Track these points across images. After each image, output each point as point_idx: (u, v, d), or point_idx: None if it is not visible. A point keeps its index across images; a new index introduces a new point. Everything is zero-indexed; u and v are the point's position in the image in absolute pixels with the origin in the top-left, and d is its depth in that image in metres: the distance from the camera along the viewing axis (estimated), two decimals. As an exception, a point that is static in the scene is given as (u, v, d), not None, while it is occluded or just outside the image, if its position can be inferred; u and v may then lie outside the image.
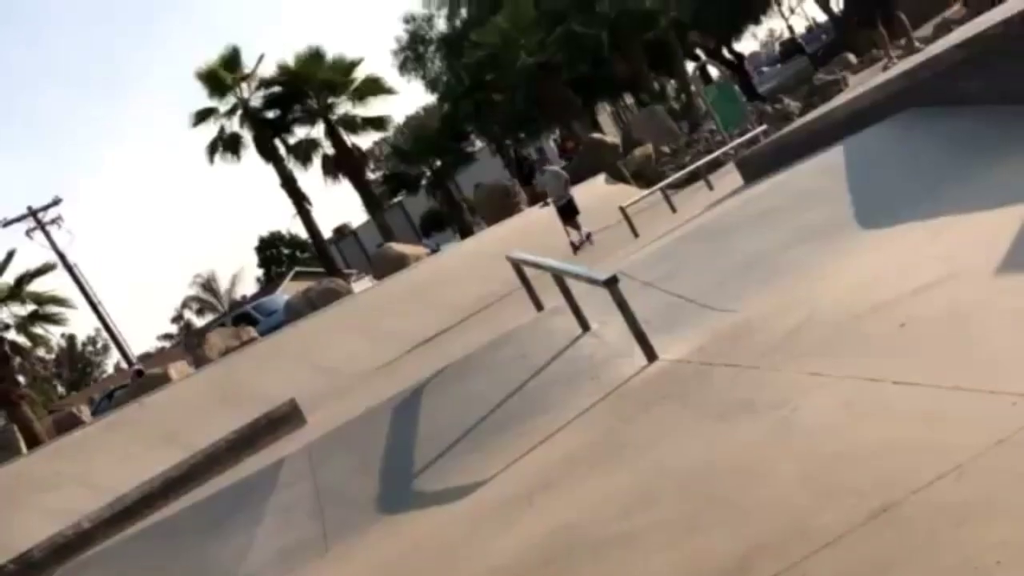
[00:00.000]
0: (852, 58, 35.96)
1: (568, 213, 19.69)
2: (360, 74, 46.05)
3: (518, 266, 9.53)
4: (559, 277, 7.91)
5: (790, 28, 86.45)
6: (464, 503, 5.97)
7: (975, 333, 4.31)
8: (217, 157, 45.47)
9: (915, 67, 9.46)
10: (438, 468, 6.79)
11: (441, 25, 53.64)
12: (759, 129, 23.35)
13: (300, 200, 44.80)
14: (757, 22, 56.38)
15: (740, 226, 8.80)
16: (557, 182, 19.99)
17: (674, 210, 17.86)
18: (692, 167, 23.10)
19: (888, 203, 7.39)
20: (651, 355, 6.69)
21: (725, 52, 49.76)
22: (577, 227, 19.62)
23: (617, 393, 6.50)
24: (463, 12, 52.18)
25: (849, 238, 7.17)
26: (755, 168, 12.88)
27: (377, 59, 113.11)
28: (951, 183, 7.12)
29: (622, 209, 18.28)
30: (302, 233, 59.78)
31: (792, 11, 74.87)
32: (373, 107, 46.37)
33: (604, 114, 59.00)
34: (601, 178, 28.16)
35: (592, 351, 7.49)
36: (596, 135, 37.34)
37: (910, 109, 8.75)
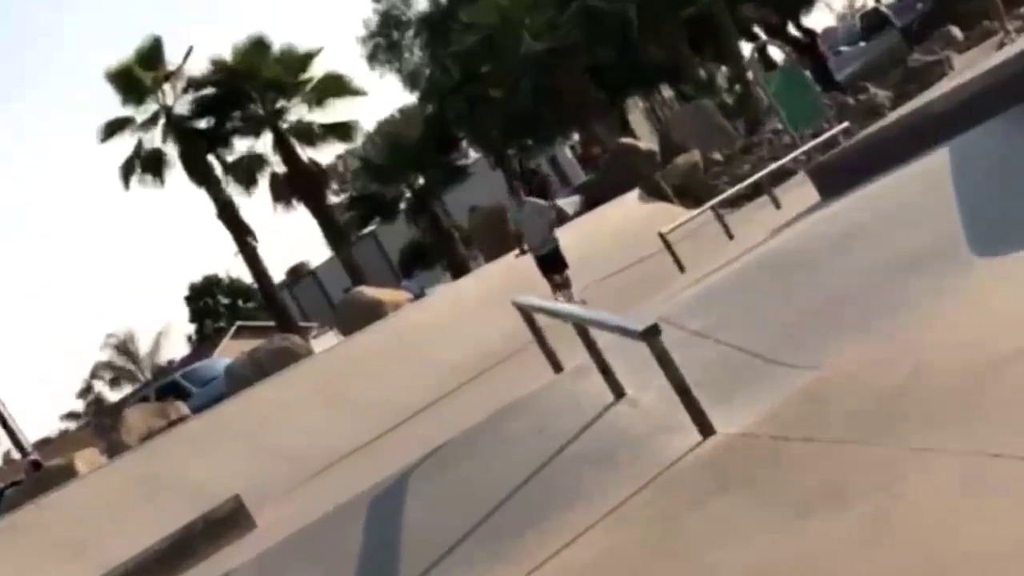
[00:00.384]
0: (957, 33, 36.13)
1: (552, 265, 18.32)
2: (318, 69, 46.37)
3: (528, 314, 9.54)
4: (582, 327, 7.90)
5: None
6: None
7: None
8: (134, 180, 45.67)
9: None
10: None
11: (421, 3, 54.07)
12: (839, 127, 23.43)
13: (242, 234, 44.95)
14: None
15: (818, 255, 8.81)
16: (539, 221, 18.63)
17: (730, 235, 17.90)
18: (752, 179, 23.14)
19: (1010, 224, 7.38)
20: (706, 428, 6.67)
21: (792, 28, 49.96)
22: (564, 285, 18.18)
23: (662, 480, 6.47)
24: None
25: (960, 270, 7.15)
26: (834, 178, 12.89)
27: (340, 49, 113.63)
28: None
29: (662, 236, 18.29)
30: (246, 277, 59.93)
31: (876, -28, 75.30)
32: (335, 111, 46.61)
33: (636, 112, 59.21)
34: (634, 195, 28.21)
35: (628, 424, 7.47)
36: (626, 139, 37.50)
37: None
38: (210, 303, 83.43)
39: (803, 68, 37.19)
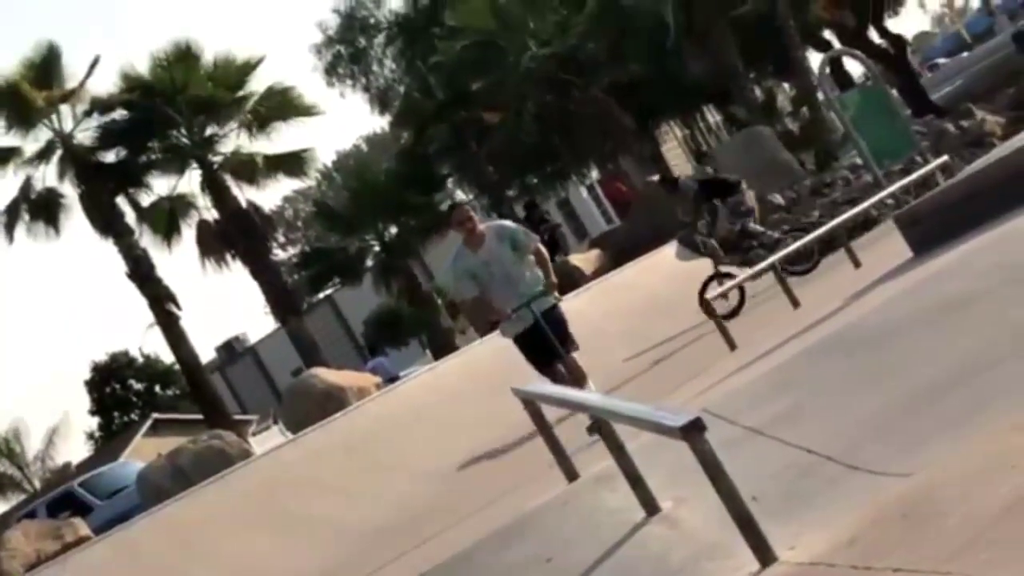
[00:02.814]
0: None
1: (544, 345, 13.96)
2: (260, 84, 46.50)
3: (534, 405, 9.55)
4: (604, 422, 7.92)
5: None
6: None
7: None
8: (20, 229, 45.64)
9: None
10: None
11: (395, 1, 54.38)
12: (936, 163, 23.50)
13: (160, 299, 44.93)
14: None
15: (911, 332, 8.86)
16: (509, 263, 14.07)
17: (795, 303, 17.93)
18: (824, 229, 23.14)
19: None
20: (766, 555, 6.66)
21: (874, 35, 50.30)
22: (575, 377, 13.77)
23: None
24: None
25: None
26: (931, 229, 12.96)
27: (289, 58, 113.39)
28: None
29: (706, 302, 18.31)
30: (165, 354, 59.81)
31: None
32: (282, 138, 46.71)
33: (672, 141, 59.46)
34: (670, 250, 28.28)
35: (663, 549, 7.48)
36: (655, 178, 37.62)
37: None
38: (118, 389, 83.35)
39: (889, 86, 37.40)
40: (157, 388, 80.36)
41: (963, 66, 59.75)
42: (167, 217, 46.26)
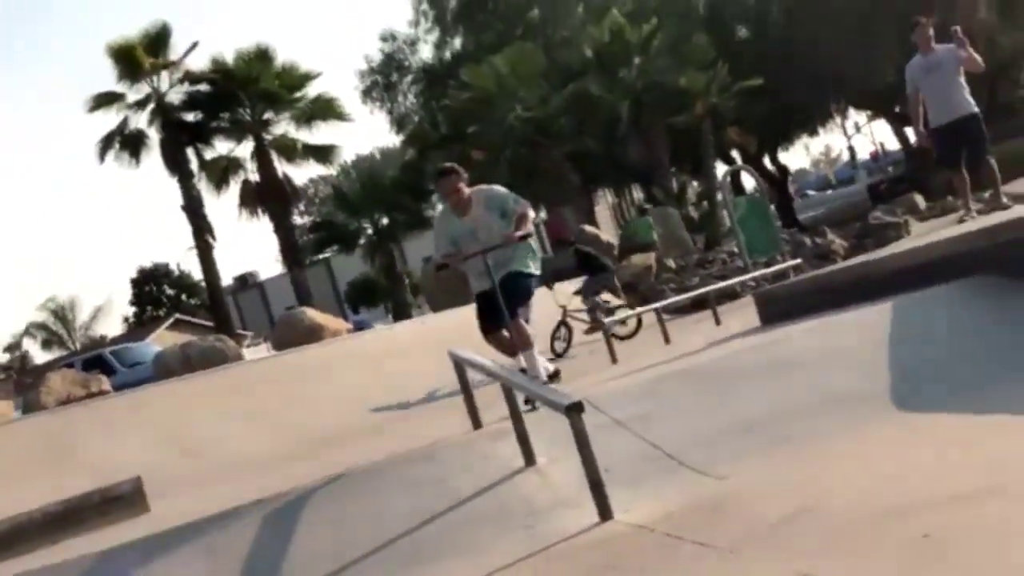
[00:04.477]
0: (921, 201, 36.73)
1: (494, 305, 11.01)
2: (312, 90, 46.44)
3: (461, 367, 9.53)
4: (509, 391, 7.91)
5: (851, 150, 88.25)
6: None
7: (1018, 562, 4.34)
8: (110, 155, 45.54)
9: (999, 226, 9.65)
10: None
11: (425, 53, 54.26)
12: (790, 263, 23.65)
13: (202, 231, 44.85)
14: (813, 133, 57.50)
15: (747, 375, 8.85)
16: (492, 225, 11.03)
17: (668, 340, 17.96)
18: (700, 291, 23.32)
19: (935, 384, 7.48)
20: (605, 512, 6.68)
21: (767, 161, 50.60)
22: (522, 341, 11.15)
23: (554, 551, 6.46)
24: (456, 43, 52.80)
25: (879, 417, 7.25)
26: (778, 309, 12.98)
27: (337, 77, 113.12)
28: (1017, 376, 7.22)
29: (600, 322, 18.35)
30: (195, 273, 59.67)
31: (858, 129, 76.53)
32: (320, 134, 46.69)
33: (603, 204, 59.55)
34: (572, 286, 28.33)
35: (532, 492, 7.45)
36: (590, 228, 37.70)
37: (983, 276, 8.91)
38: (154, 290, 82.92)
39: (769, 200, 37.60)
40: (184, 296, 79.92)
41: (826, 200, 60.17)
42: (221, 172, 46.21)
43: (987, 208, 15.01)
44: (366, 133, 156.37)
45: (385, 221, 50.10)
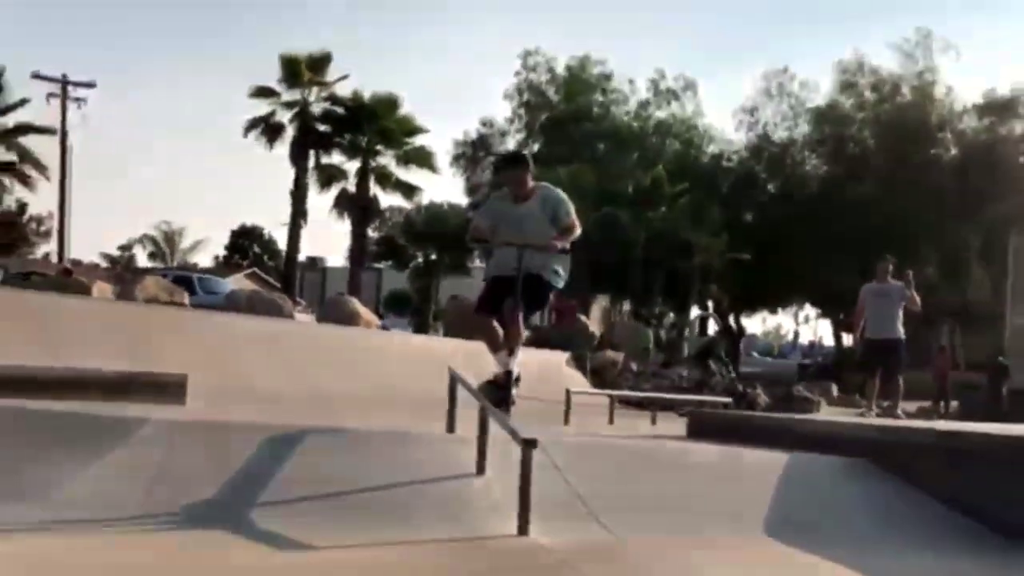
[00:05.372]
0: (834, 390, 36.62)
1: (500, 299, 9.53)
2: (418, 140, 46.75)
3: (454, 383, 9.49)
4: (484, 413, 7.86)
5: (796, 333, 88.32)
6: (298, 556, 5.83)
7: None
8: (253, 134, 45.87)
9: (888, 427, 9.65)
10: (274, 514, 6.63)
11: (510, 144, 54.47)
12: (724, 399, 23.56)
13: (298, 214, 45.00)
14: (773, 311, 57.68)
15: (663, 466, 8.83)
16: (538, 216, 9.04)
17: (611, 421, 17.90)
18: (647, 395, 23.30)
19: (797, 526, 7.38)
20: (524, 529, 6.62)
21: (731, 318, 50.66)
22: (513, 332, 9.76)
23: (473, 544, 6.43)
24: (535, 147, 53.04)
25: (754, 535, 7.20)
26: (702, 428, 12.96)
27: (440, 135, 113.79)
28: (861, 543, 7.18)
29: (568, 392, 18.28)
30: (281, 243, 59.75)
31: (807, 320, 76.82)
32: (412, 175, 46.95)
33: (598, 304, 59.52)
34: (564, 356, 28.37)
35: (474, 495, 7.40)
36: (584, 318, 37.70)
37: (862, 459, 8.89)
38: (246, 244, 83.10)
39: (723, 348, 37.56)
40: (266, 257, 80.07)
41: (763, 364, 60.00)
42: (328, 176, 46.43)
43: (884, 413, 15.05)
44: (443, 187, 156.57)
45: (434, 256, 50.32)
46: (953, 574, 6.68)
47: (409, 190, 47.39)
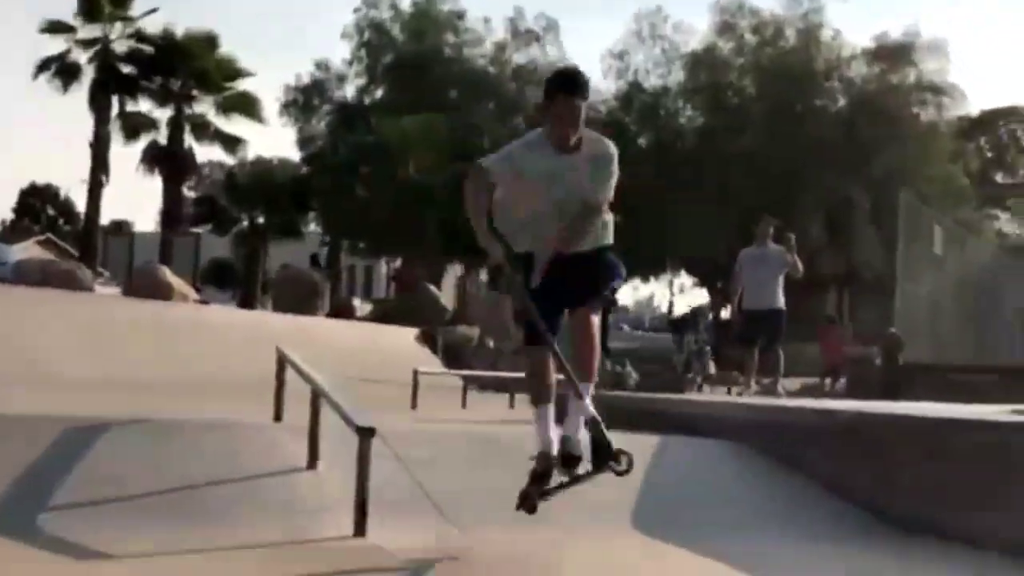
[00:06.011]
0: (712, 366, 37.47)
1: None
2: (241, 85, 46.00)
3: (282, 363, 9.41)
4: (316, 398, 7.82)
5: (671, 304, 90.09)
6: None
7: None
8: (44, 77, 44.45)
9: (764, 407, 9.96)
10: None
11: (349, 91, 53.82)
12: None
13: (98, 169, 43.76)
14: (645, 280, 58.42)
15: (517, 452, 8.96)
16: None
17: (464, 405, 18.00)
18: (505, 375, 23.42)
19: (664, 510, 7.57)
20: (360, 528, 6.63)
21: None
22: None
23: (301, 548, 6.43)
24: (378, 93, 52.52)
25: (619, 521, 7.35)
26: (563, 411, 13.14)
27: (267, 80, 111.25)
28: (730, 526, 7.42)
29: (415, 373, 18.28)
30: (80, 204, 58.08)
31: (681, 290, 78.53)
32: (233, 126, 46.14)
33: (452, 275, 59.61)
34: (413, 332, 28.33)
35: (305, 491, 7.38)
36: (432, 287, 37.69)
37: (736, 440, 9.16)
38: (37, 205, 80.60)
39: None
40: (61, 221, 77.90)
41: (635, 338, 61.21)
42: (135, 126, 45.28)
43: (763, 391, 15.40)
44: (272, 137, 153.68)
45: (261, 219, 49.47)
46: (825, 559, 6.96)
47: (231, 142, 46.55)
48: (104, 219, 52.67)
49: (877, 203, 43.67)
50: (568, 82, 6.26)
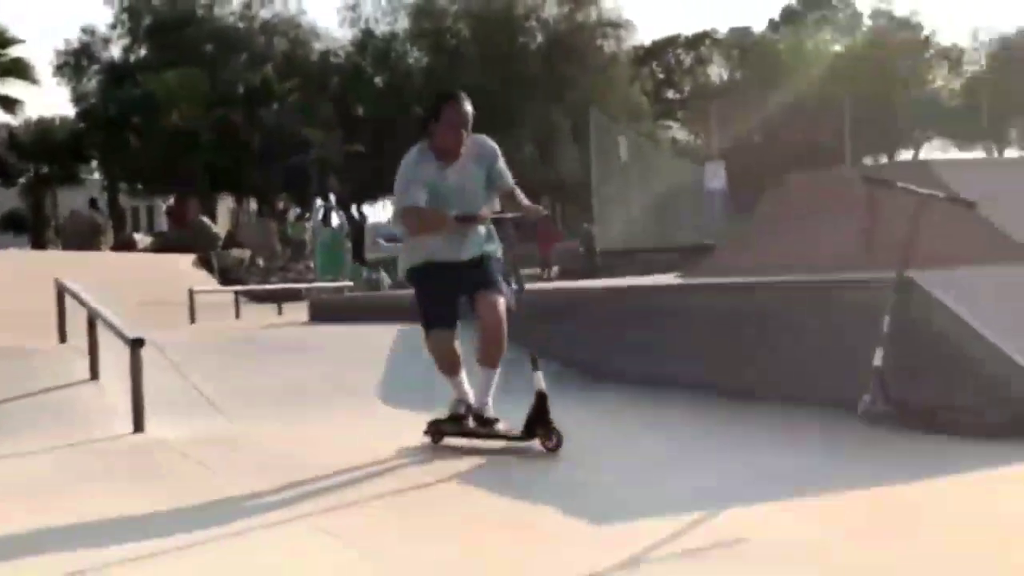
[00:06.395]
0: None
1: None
2: (13, 52, 42.99)
3: (61, 293, 8.96)
4: (91, 317, 7.50)
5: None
6: None
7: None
8: None
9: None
10: None
11: (116, 52, 51.02)
12: (346, 283, 23.78)
13: None
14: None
15: (285, 351, 8.87)
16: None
17: (238, 316, 17.63)
18: (273, 287, 23.08)
19: (403, 389, 7.62)
20: (140, 426, 6.47)
21: (355, 208, 50.81)
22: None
23: (85, 446, 6.19)
24: (142, 51, 50.03)
25: (367, 400, 7.37)
26: (324, 313, 13.03)
27: (41, 45, 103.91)
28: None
29: (191, 292, 17.74)
30: None
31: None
32: (10, 88, 43.27)
33: (225, 206, 57.91)
34: (190, 259, 27.47)
35: (89, 399, 7.11)
36: (206, 218, 36.55)
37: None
38: None
39: (348, 239, 37.61)
40: None
41: (391, 249, 60.89)
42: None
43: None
44: (46, 97, 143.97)
45: (46, 169, 46.76)
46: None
47: (9, 104, 43.57)
48: None
49: (576, 125, 44.63)
50: (454, 93, 5.65)
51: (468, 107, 5.58)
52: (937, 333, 5.51)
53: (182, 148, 41.00)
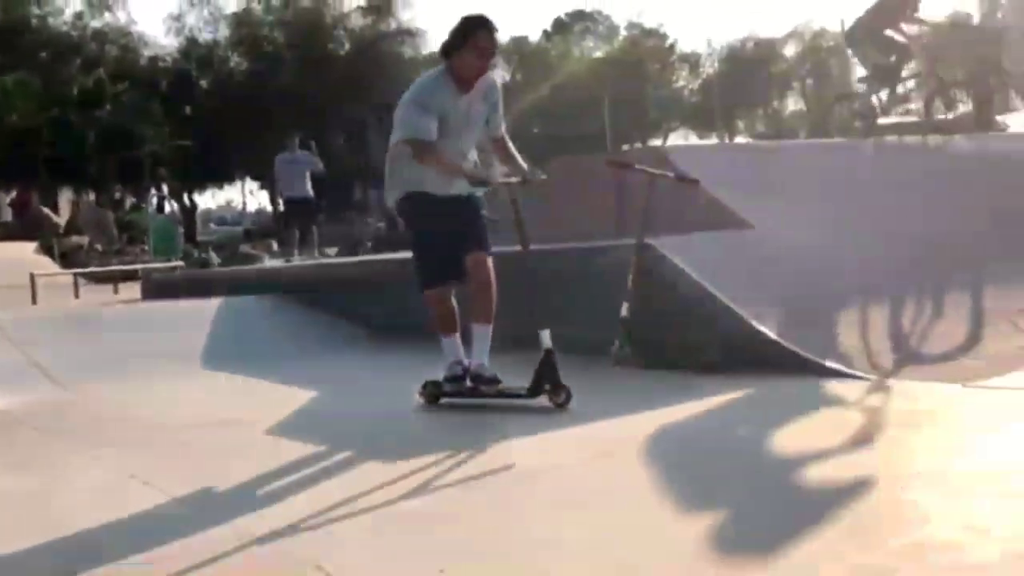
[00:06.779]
0: (275, 246, 36.74)
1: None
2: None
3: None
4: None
5: (244, 203, 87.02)
6: None
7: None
8: None
9: (296, 267, 9.88)
10: None
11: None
12: (177, 264, 22.80)
13: None
14: (221, 187, 56.54)
15: (118, 326, 8.43)
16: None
17: (77, 296, 16.62)
18: (110, 269, 21.87)
19: (230, 356, 7.39)
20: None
21: (185, 197, 48.97)
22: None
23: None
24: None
25: (190, 369, 7.09)
26: (157, 290, 12.44)
27: None
28: (284, 358, 7.39)
29: (32, 276, 16.57)
30: None
31: (252, 192, 76.06)
32: None
33: (65, 197, 54.39)
34: (32, 246, 25.66)
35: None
36: (46, 209, 34.22)
37: (277, 295, 9.05)
38: None
39: (180, 225, 36.03)
40: None
41: (225, 234, 58.74)
42: None
43: (305, 257, 15.30)
44: None
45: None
46: (340, 356, 7.14)
47: None
48: None
49: (381, 121, 44.18)
50: (486, 19, 4.71)
51: (493, 39, 4.73)
52: (669, 284, 5.73)
53: (22, 145, 38.20)
